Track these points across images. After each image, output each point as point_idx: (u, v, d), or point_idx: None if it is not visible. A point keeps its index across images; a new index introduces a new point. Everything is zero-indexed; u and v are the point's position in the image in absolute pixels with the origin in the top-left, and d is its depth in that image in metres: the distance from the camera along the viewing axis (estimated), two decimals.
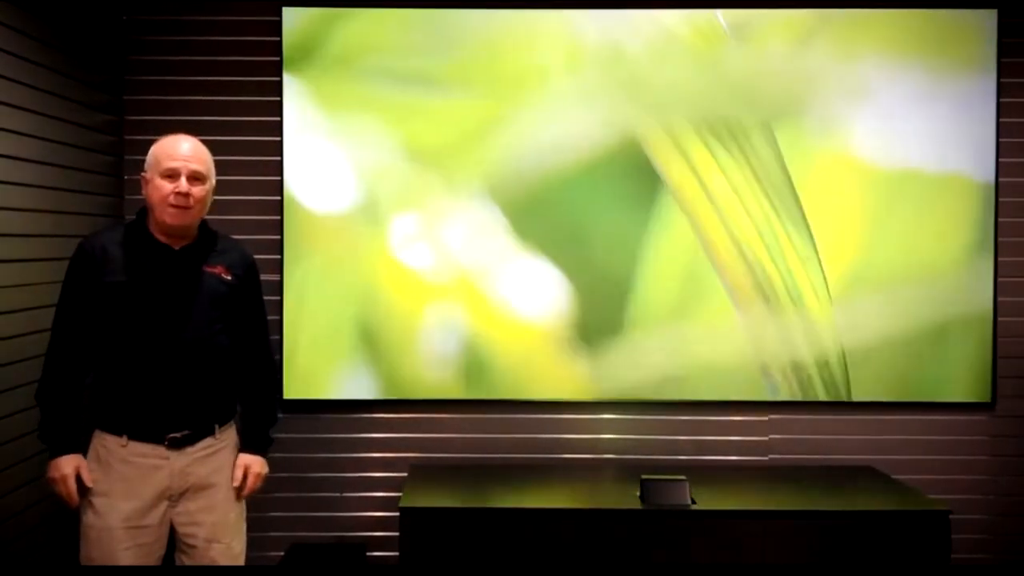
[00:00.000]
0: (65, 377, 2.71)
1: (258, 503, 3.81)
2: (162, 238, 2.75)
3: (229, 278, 2.83)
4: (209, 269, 2.80)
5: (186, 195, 2.69)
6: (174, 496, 2.73)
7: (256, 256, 3.75)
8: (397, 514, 3.32)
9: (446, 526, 3.30)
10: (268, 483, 3.80)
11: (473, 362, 3.80)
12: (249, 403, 2.94)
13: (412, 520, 3.29)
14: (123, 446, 2.69)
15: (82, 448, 2.73)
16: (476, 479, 3.68)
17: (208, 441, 2.78)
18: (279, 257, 3.78)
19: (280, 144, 3.78)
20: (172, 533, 2.78)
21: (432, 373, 3.81)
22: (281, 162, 3.78)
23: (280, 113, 3.78)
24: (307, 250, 3.78)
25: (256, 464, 2.90)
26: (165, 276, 2.73)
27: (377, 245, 3.78)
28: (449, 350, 3.80)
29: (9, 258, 2.97)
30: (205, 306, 2.76)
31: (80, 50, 3.47)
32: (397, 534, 3.34)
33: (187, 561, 2.78)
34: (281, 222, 3.78)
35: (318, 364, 3.80)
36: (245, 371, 2.91)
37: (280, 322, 3.77)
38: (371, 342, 3.79)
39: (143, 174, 2.76)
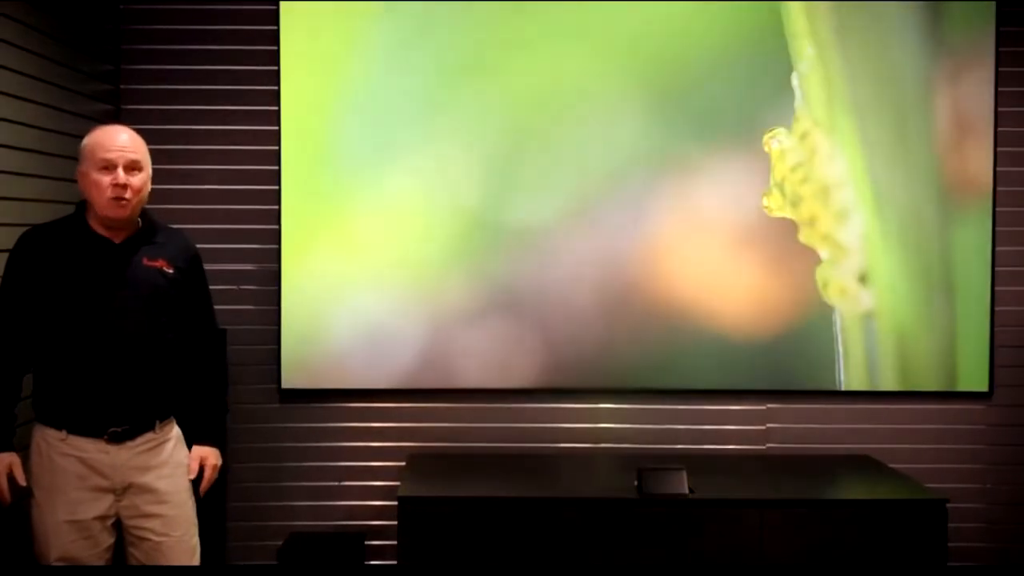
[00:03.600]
0: (2, 373, 2.68)
1: (256, 493, 3.83)
2: (102, 231, 2.72)
3: (171, 271, 2.78)
4: (150, 263, 2.75)
5: (124, 186, 2.65)
6: (117, 490, 2.70)
7: (254, 246, 3.81)
8: (396, 503, 3.33)
9: (444, 515, 3.31)
10: (267, 473, 3.84)
11: (470, 352, 3.80)
12: (199, 394, 2.90)
13: (411, 509, 3.30)
14: (63, 440, 2.66)
15: (15, 446, 2.68)
16: (474, 468, 3.69)
17: (148, 436, 2.74)
18: (277, 247, 3.78)
19: (278, 134, 3.78)
20: (120, 526, 2.74)
21: (430, 363, 3.80)
22: (279, 152, 3.78)
23: (278, 103, 3.77)
24: (305, 240, 3.78)
25: (212, 456, 2.87)
26: (106, 271, 2.69)
27: (375, 236, 3.78)
28: (447, 340, 3.80)
29: (5, 248, 2.96)
30: (146, 301, 2.72)
31: (76, 39, 3.46)
32: (396, 523, 3.34)
33: (139, 555, 2.75)
34: (279, 212, 3.78)
35: (316, 354, 3.80)
36: (192, 363, 2.87)
37: (278, 312, 3.77)
38: (369, 332, 3.79)
39: (79, 168, 2.72)
